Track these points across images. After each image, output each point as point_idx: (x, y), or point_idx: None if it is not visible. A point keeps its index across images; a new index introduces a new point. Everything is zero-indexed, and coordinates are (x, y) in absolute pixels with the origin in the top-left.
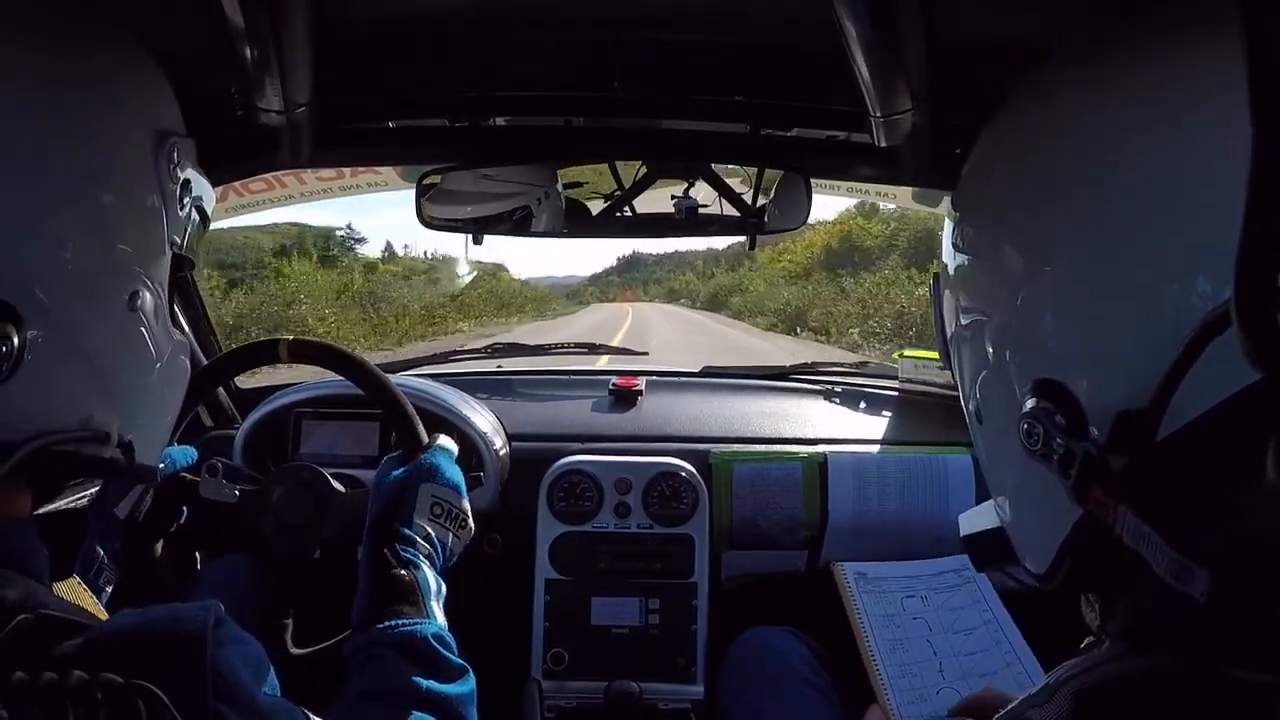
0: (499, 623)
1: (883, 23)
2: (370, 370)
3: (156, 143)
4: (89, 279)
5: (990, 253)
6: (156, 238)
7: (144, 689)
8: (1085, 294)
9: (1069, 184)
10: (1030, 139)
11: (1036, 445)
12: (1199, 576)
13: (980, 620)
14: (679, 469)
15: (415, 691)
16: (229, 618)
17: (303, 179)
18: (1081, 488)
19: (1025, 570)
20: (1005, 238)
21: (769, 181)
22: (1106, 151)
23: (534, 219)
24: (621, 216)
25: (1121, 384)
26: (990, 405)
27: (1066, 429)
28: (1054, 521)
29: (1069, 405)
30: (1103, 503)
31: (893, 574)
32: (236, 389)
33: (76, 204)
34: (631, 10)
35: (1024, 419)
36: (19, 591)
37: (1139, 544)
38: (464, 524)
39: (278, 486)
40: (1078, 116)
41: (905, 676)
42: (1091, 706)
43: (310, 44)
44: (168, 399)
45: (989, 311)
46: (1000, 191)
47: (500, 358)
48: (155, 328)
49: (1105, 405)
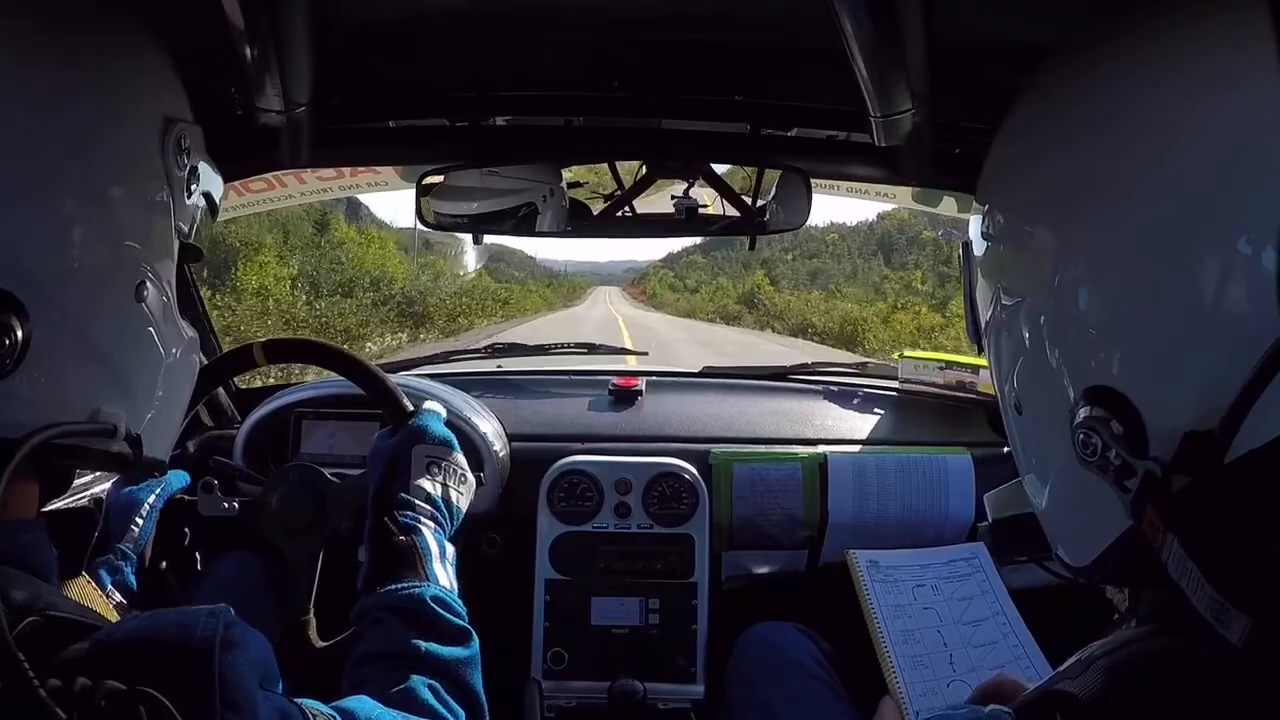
0: (499, 623)
1: (883, 22)
2: (346, 353)
3: (162, 128)
4: (93, 267)
5: (1030, 243)
6: (163, 226)
7: (147, 695)
8: (1143, 295)
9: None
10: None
11: (1093, 455)
12: (1237, 621)
13: (989, 611)
14: (679, 469)
15: (413, 653)
16: (238, 619)
17: (303, 179)
18: (1139, 504)
19: (1059, 559)
20: (1048, 227)
21: (769, 181)
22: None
23: (539, 217)
24: (622, 216)
25: (1188, 397)
26: (1034, 400)
27: (1125, 440)
28: (1101, 524)
29: (1128, 416)
30: (1154, 525)
31: (904, 562)
32: (236, 389)
33: (77, 189)
34: (631, 10)
35: (1079, 428)
36: (27, 592)
37: (1180, 577)
38: (464, 478)
39: (276, 491)
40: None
41: (917, 668)
42: (1126, 681)
43: (310, 44)
44: (176, 392)
45: (1034, 303)
46: (1047, 179)
47: (500, 358)
48: (162, 319)
49: (1169, 420)
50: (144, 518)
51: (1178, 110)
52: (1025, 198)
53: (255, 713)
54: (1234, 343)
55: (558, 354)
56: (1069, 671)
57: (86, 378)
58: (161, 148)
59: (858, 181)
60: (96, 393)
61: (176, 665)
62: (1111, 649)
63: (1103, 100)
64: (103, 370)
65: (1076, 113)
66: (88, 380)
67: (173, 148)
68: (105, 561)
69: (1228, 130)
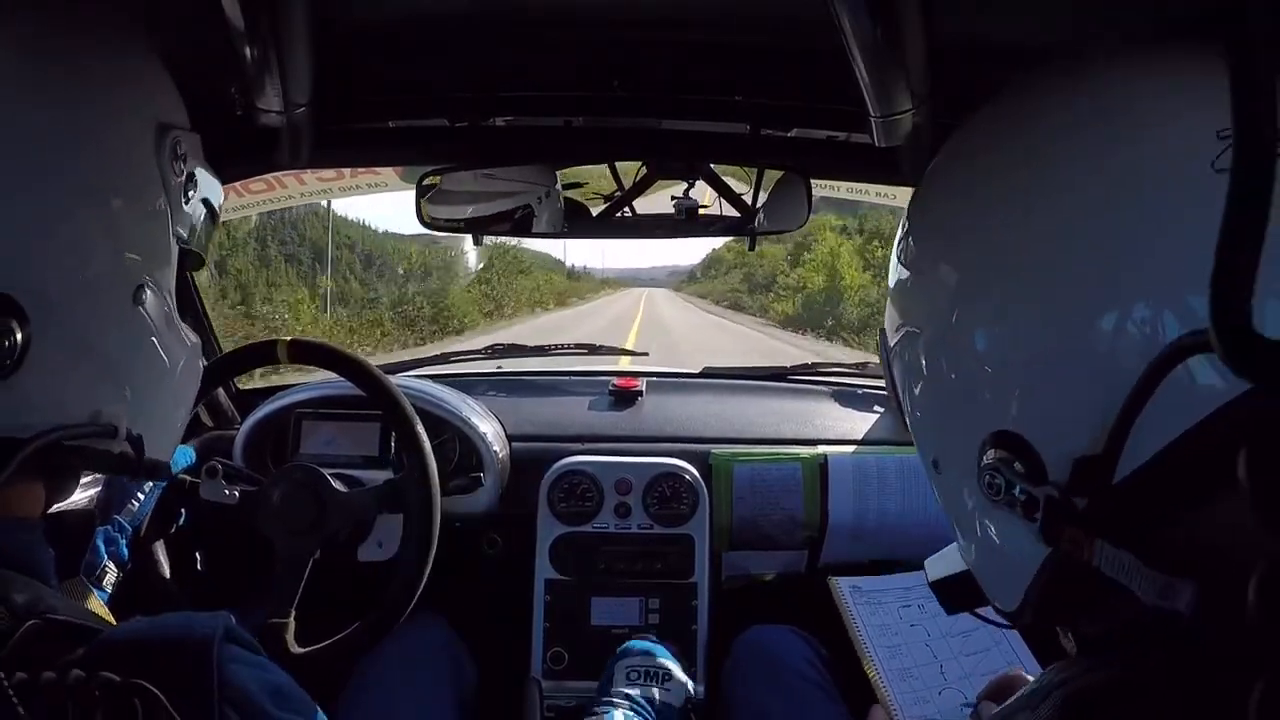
0: (499, 623)
1: (882, 23)
2: (369, 370)
3: (157, 135)
4: (90, 272)
5: (930, 274)
6: (161, 232)
7: (141, 688)
8: (1033, 331)
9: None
10: (984, 152)
11: (999, 495)
12: (1184, 589)
13: (978, 622)
14: (679, 469)
15: None
16: (241, 630)
17: (302, 179)
18: (1049, 529)
19: (995, 609)
20: (947, 257)
21: (769, 181)
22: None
23: (535, 218)
24: (621, 217)
25: (1074, 429)
26: (948, 454)
27: (1026, 475)
28: (1021, 562)
29: (1026, 453)
30: (1077, 540)
31: (887, 586)
32: (236, 389)
33: (72, 195)
34: (632, 10)
35: (985, 471)
36: (27, 595)
37: (1117, 572)
38: None
39: (277, 487)
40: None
41: (906, 679)
42: (1078, 711)
43: (310, 44)
44: (178, 393)
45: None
46: (949, 207)
47: (500, 358)
48: (163, 324)
49: (1061, 450)
50: (145, 493)
51: (1072, 165)
52: (939, 229)
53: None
54: (1113, 377)
55: (558, 354)
56: (1028, 701)
57: (87, 380)
58: (157, 154)
59: (858, 181)
60: (97, 395)
61: (174, 660)
62: (1064, 679)
63: (1007, 148)
64: (103, 373)
65: (983, 156)
66: (88, 383)
67: (168, 154)
68: (103, 530)
69: (1116, 188)
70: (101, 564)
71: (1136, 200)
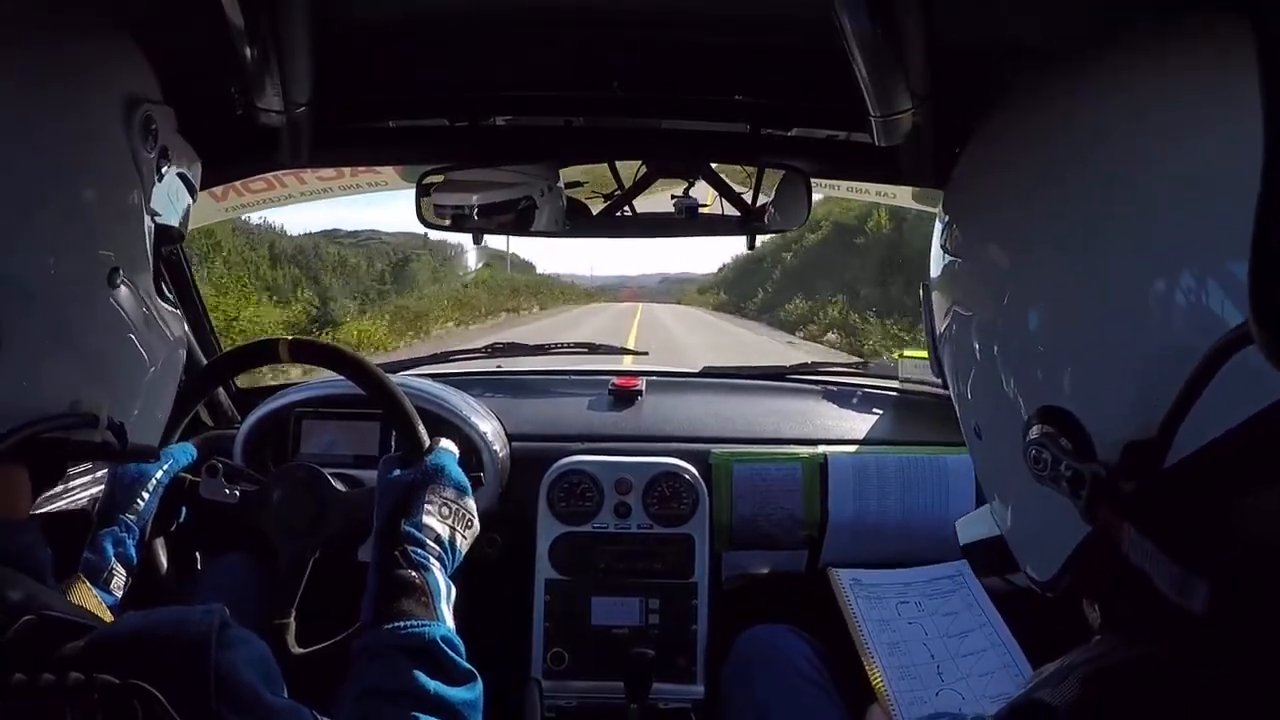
0: (499, 623)
1: (883, 22)
2: (370, 370)
3: (125, 108)
4: (59, 254)
5: (980, 261)
6: (133, 209)
7: (140, 689)
8: (1085, 311)
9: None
10: (1032, 140)
11: (1044, 470)
12: (1199, 590)
13: (975, 624)
14: (679, 469)
15: (420, 693)
16: (233, 620)
17: (303, 179)
18: (1092, 507)
19: (1027, 576)
20: (995, 236)
21: (769, 181)
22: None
23: (536, 213)
24: (622, 216)
25: (1127, 412)
26: (991, 424)
27: (1074, 453)
28: (1060, 535)
29: (1075, 431)
30: (1110, 521)
31: (887, 580)
32: (236, 389)
33: (35, 174)
34: (632, 10)
35: (1030, 445)
36: (22, 592)
37: (1142, 560)
38: (470, 524)
39: (278, 487)
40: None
41: (905, 678)
42: (1098, 690)
43: (310, 44)
44: (160, 378)
45: (985, 324)
46: (998, 194)
47: (500, 357)
48: (139, 305)
49: (1112, 433)
50: (150, 492)
51: (1132, 151)
52: (984, 213)
53: (257, 707)
54: (1167, 362)
55: (557, 354)
56: (1049, 680)
57: (62, 367)
58: (126, 128)
59: (858, 181)
60: (74, 382)
61: (171, 660)
62: (1087, 659)
63: (1064, 131)
64: (79, 359)
65: (1037, 143)
66: (62, 370)
67: (139, 128)
68: (110, 532)
69: (1176, 174)
70: (109, 566)
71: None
